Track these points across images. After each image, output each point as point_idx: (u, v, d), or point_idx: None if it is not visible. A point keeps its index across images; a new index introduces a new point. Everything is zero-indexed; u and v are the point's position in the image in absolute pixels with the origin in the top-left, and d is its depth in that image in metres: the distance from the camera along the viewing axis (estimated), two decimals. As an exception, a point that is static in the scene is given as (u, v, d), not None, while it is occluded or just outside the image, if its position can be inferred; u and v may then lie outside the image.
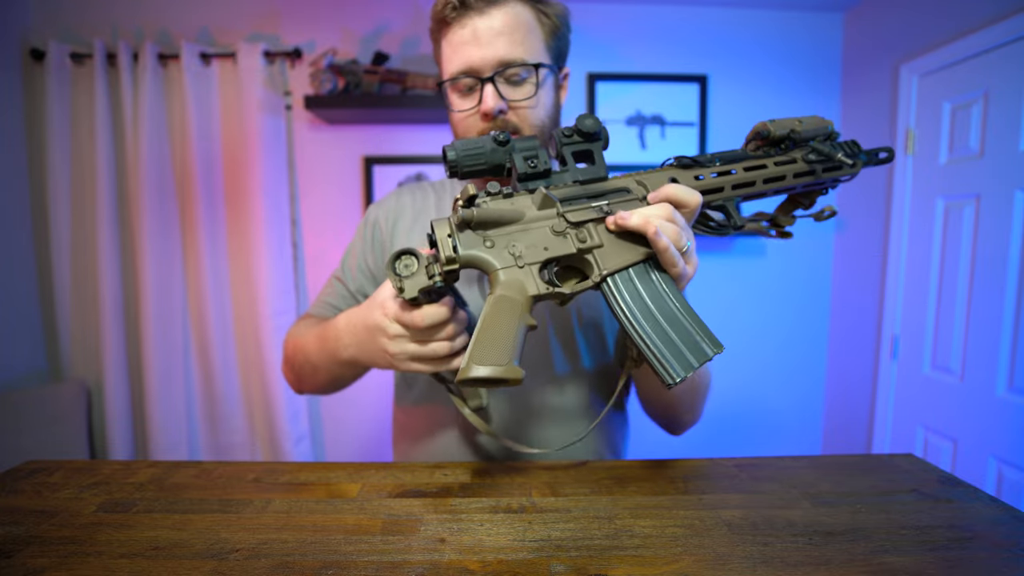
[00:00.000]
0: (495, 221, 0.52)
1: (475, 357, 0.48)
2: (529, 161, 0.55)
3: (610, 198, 0.55)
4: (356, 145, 2.00)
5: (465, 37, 0.69)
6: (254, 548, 0.45)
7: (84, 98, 1.85)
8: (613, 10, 2.03)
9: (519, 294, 0.51)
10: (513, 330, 0.49)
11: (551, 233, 0.53)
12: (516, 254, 0.52)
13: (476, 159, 0.54)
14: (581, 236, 0.53)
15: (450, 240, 0.51)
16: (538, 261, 0.52)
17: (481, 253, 0.52)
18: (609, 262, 0.52)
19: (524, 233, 0.53)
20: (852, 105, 2.08)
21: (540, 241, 0.53)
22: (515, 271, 0.51)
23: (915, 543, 0.46)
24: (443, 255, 0.51)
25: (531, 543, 0.46)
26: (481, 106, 0.69)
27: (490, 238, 0.52)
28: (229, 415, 1.96)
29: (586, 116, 0.56)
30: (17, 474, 0.60)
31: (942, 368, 1.71)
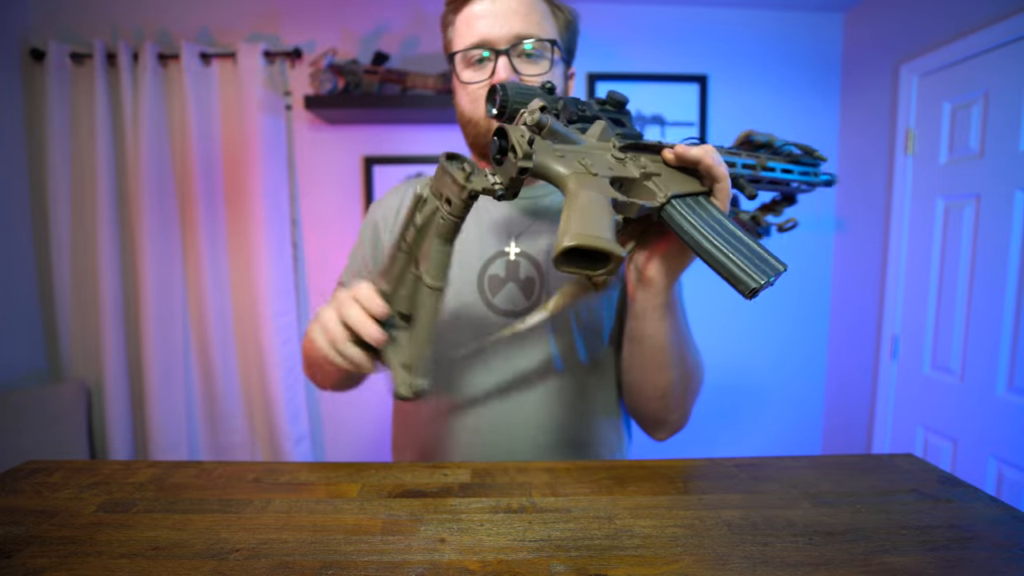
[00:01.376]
0: (563, 136, 0.51)
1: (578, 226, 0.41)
2: (579, 107, 0.56)
3: None
4: (356, 145, 2.00)
5: (482, 12, 0.70)
6: (254, 548, 0.45)
7: (84, 98, 1.85)
8: (613, 10, 2.03)
9: (596, 186, 0.47)
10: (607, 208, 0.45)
11: (613, 159, 0.53)
12: (587, 165, 0.49)
13: (528, 96, 0.53)
14: (640, 163, 0.54)
15: (526, 142, 0.46)
16: (607, 176, 0.50)
17: (553, 162, 0.47)
18: (671, 187, 0.54)
19: (587, 155, 0.51)
20: (852, 105, 2.08)
21: (605, 163, 0.52)
22: (587, 176, 0.47)
23: (915, 543, 0.46)
24: (520, 152, 0.45)
25: (531, 543, 0.46)
26: (493, 77, 0.69)
27: (560, 150, 0.49)
28: (229, 415, 1.96)
29: (613, 92, 0.59)
30: (17, 474, 0.60)
31: (942, 368, 1.71)
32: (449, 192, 0.51)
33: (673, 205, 0.53)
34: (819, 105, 2.12)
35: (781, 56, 2.09)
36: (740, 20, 2.06)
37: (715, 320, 2.12)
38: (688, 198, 0.54)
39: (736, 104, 2.09)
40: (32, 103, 1.87)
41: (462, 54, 0.72)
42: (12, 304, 1.84)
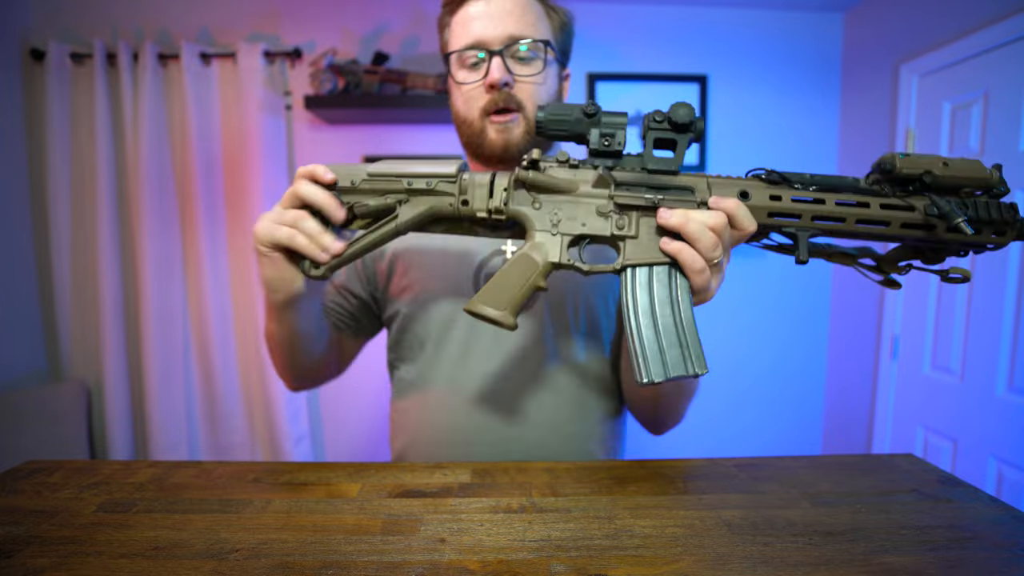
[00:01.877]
0: (548, 188, 0.55)
1: (483, 296, 0.56)
2: (604, 139, 0.55)
3: (670, 194, 0.54)
4: (356, 145, 2.00)
5: (477, 13, 0.70)
6: (254, 548, 0.45)
7: (84, 98, 1.85)
8: (613, 10, 2.03)
9: (541, 257, 0.55)
10: (521, 285, 0.55)
11: (595, 212, 0.55)
12: (555, 221, 0.55)
13: (561, 124, 0.55)
14: (620, 223, 0.54)
15: (504, 193, 0.56)
16: (571, 234, 0.55)
17: (527, 210, 0.56)
18: (636, 256, 0.54)
19: (571, 205, 0.55)
20: (852, 105, 2.08)
21: (582, 216, 0.55)
22: (548, 236, 0.55)
23: (915, 543, 0.46)
24: (494, 204, 0.56)
25: (531, 543, 0.46)
26: (487, 78, 0.69)
27: (539, 200, 0.56)
28: (229, 415, 1.96)
29: (681, 105, 0.53)
30: (17, 474, 0.60)
31: (942, 368, 1.71)
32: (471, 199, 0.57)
33: (626, 273, 0.54)
34: (819, 105, 2.12)
35: (781, 56, 2.09)
36: (740, 20, 2.06)
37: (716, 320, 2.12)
38: (653, 268, 0.54)
39: (736, 104, 2.09)
40: (32, 103, 1.87)
41: (457, 55, 0.72)
42: (12, 304, 1.84)
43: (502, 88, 0.70)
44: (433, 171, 0.57)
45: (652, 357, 0.52)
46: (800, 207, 0.52)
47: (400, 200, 0.58)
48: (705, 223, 0.50)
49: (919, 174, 0.49)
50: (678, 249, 0.51)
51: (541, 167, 0.55)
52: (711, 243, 0.51)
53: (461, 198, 0.56)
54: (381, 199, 0.58)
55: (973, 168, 0.48)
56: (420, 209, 0.57)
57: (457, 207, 0.56)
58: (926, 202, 0.50)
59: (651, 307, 0.53)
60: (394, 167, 0.58)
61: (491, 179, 0.56)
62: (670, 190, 0.55)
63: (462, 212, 0.56)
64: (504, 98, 0.70)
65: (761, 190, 0.54)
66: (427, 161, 0.58)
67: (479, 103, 0.72)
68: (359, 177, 0.58)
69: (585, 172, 0.56)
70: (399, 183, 0.57)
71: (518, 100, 0.71)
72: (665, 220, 0.52)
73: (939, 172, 0.48)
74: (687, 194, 0.54)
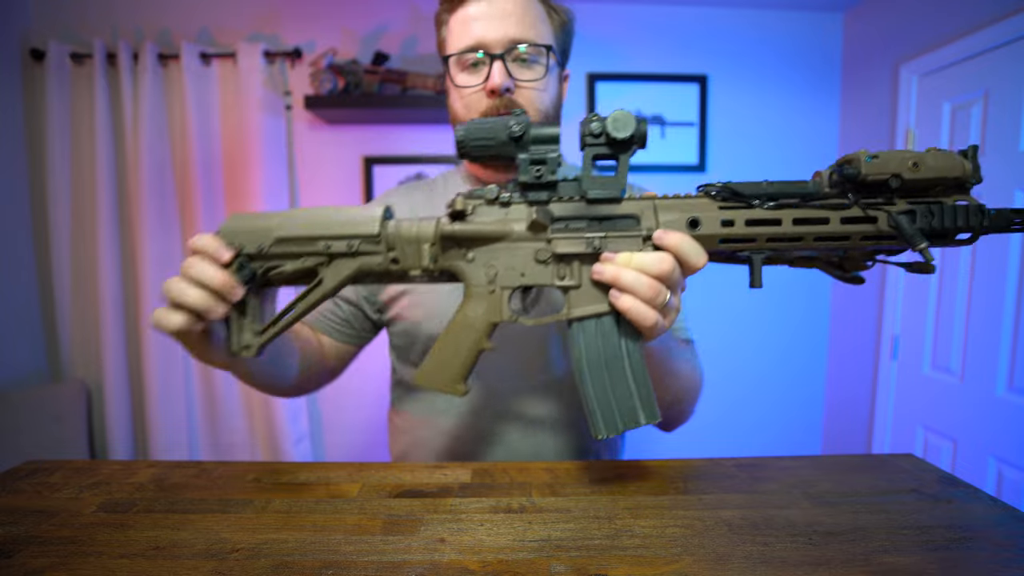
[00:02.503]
0: (478, 238, 0.51)
1: (427, 370, 0.53)
2: (536, 168, 0.50)
3: (613, 227, 0.50)
4: (356, 145, 2.00)
5: (477, 14, 0.68)
6: (254, 548, 0.45)
7: (84, 98, 1.85)
8: (613, 10, 2.03)
9: (482, 319, 0.52)
10: (465, 353, 0.52)
11: (534, 259, 0.51)
12: (492, 276, 0.51)
13: (484, 145, 0.50)
14: (561, 272, 0.50)
15: (430, 250, 0.51)
16: (511, 287, 0.51)
17: (460, 264, 0.51)
18: (580, 306, 0.50)
19: (507, 252, 0.51)
20: (852, 105, 2.08)
21: (520, 265, 0.51)
22: (486, 293, 0.51)
23: (915, 543, 0.46)
24: (423, 263, 0.51)
25: (531, 543, 0.46)
26: (488, 82, 0.68)
27: (472, 252, 0.51)
28: (229, 415, 1.96)
29: (620, 115, 0.48)
30: (17, 474, 0.60)
31: (942, 368, 1.71)
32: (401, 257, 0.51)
33: (574, 326, 0.51)
34: (819, 105, 2.12)
35: (781, 56, 2.09)
36: (740, 20, 2.06)
37: (716, 320, 2.12)
38: (602, 319, 0.50)
39: (736, 104, 2.09)
40: (32, 103, 1.87)
41: (456, 57, 0.71)
42: (12, 304, 1.84)
43: (503, 94, 0.68)
44: (354, 232, 0.51)
45: (604, 412, 0.50)
46: (755, 231, 0.48)
47: (321, 263, 0.52)
48: (646, 269, 0.47)
49: (885, 179, 0.45)
50: (618, 300, 0.48)
51: (468, 212, 0.51)
52: (651, 292, 0.47)
53: (390, 256, 0.51)
54: (299, 263, 0.52)
55: (945, 166, 0.45)
56: (346, 272, 0.52)
57: (387, 266, 0.51)
58: (897, 208, 0.46)
59: (599, 359, 0.50)
60: (309, 226, 0.51)
61: (417, 233, 0.51)
62: (614, 220, 0.50)
63: (393, 270, 0.52)
64: (505, 103, 0.69)
65: (712, 213, 0.49)
66: (348, 209, 0.52)
67: (479, 107, 0.70)
68: (268, 242, 0.52)
69: (519, 209, 0.51)
70: (316, 245, 0.51)
71: (519, 105, 0.69)
72: (599, 275, 0.48)
73: (908, 175, 0.45)
74: (632, 225, 0.50)
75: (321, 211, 0.53)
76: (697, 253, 0.48)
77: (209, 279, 0.50)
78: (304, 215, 0.52)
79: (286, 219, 0.52)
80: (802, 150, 2.12)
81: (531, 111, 0.70)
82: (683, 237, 0.48)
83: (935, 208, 0.45)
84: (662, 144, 2.08)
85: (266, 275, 0.53)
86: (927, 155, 0.45)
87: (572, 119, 2.05)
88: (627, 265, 0.47)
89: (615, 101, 2.05)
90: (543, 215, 0.49)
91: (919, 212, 0.46)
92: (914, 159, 0.44)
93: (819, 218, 0.47)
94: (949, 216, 0.45)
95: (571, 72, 0.82)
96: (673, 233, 0.48)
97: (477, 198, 0.51)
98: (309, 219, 0.51)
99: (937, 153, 0.45)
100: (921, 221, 0.45)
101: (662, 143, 2.08)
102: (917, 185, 0.45)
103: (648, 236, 0.49)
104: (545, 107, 0.72)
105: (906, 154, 0.45)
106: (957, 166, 0.44)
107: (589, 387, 0.50)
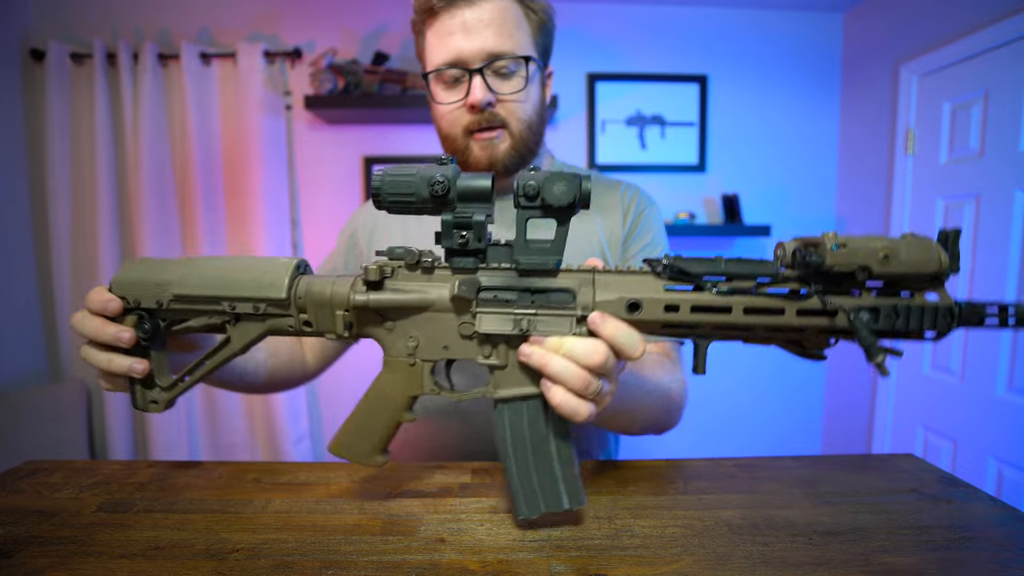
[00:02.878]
0: (395, 309, 0.47)
1: (344, 438, 0.51)
2: (460, 232, 0.44)
3: (547, 301, 0.45)
4: (356, 145, 2.00)
5: (453, 27, 0.67)
6: (254, 548, 0.45)
7: (84, 98, 1.85)
8: (613, 10, 2.03)
9: (401, 391, 0.48)
10: (382, 427, 0.50)
11: (458, 333, 0.46)
12: (412, 347, 0.47)
13: (403, 195, 0.44)
14: (486, 352, 0.46)
15: (344, 316, 0.47)
16: (432, 360, 0.48)
17: (378, 332, 0.48)
18: (506, 387, 0.47)
19: (429, 323, 0.47)
20: (852, 105, 2.08)
21: (443, 338, 0.47)
22: (405, 364, 0.48)
23: (915, 543, 0.46)
24: (338, 331, 0.47)
25: (531, 543, 0.46)
26: (468, 98, 0.68)
27: (392, 322, 0.47)
28: (229, 415, 1.96)
29: (559, 179, 0.42)
30: (17, 474, 0.60)
31: (942, 368, 1.71)
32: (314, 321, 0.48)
33: (499, 406, 0.47)
34: (819, 105, 2.12)
35: (781, 56, 2.09)
36: (740, 20, 2.06)
37: (715, 320, 2.12)
38: (529, 401, 0.47)
39: (736, 104, 2.09)
40: (32, 103, 1.87)
41: (435, 74, 0.70)
42: (12, 304, 1.84)
43: (484, 109, 0.68)
44: (259, 295, 0.47)
45: (527, 494, 0.47)
46: (701, 318, 0.44)
47: (228, 321, 0.48)
48: (577, 360, 0.42)
49: (851, 271, 0.41)
50: (547, 392, 0.44)
51: (388, 275, 0.46)
52: (581, 383, 0.42)
53: (302, 319, 0.47)
54: (204, 319, 0.49)
55: (919, 260, 0.40)
56: (255, 333, 0.49)
57: (300, 327, 0.48)
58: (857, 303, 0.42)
59: (524, 441, 0.47)
60: (209, 286, 0.47)
61: (330, 298, 0.46)
62: (548, 294, 0.45)
63: (307, 332, 0.48)
64: (487, 118, 0.69)
65: (656, 295, 0.44)
66: (256, 265, 0.48)
67: (461, 122, 0.70)
68: (166, 297, 0.48)
69: (444, 275, 0.46)
70: (219, 304, 0.47)
71: (501, 118, 0.70)
72: (526, 358, 0.44)
73: (877, 268, 0.40)
74: (566, 300, 0.45)
75: (227, 266, 0.48)
76: (633, 345, 0.43)
77: (100, 335, 0.48)
78: (207, 271, 0.48)
79: (187, 274, 0.48)
80: (802, 150, 2.12)
81: (513, 122, 0.70)
82: (619, 327, 0.43)
83: (901, 308, 0.42)
84: (662, 144, 2.08)
85: (170, 329, 0.50)
86: (901, 246, 0.40)
87: (572, 119, 2.05)
88: (556, 351, 0.43)
89: (615, 101, 2.05)
90: (467, 288, 0.44)
91: (883, 312, 0.42)
92: (885, 250, 0.40)
93: (773, 308, 0.43)
94: (915, 318, 0.42)
95: (571, 72, 0.82)
96: (609, 321, 0.43)
97: (398, 259, 0.46)
98: (210, 277, 0.47)
99: (912, 243, 0.41)
100: (884, 322, 0.41)
101: (662, 143, 2.08)
102: (886, 278, 0.42)
103: (583, 316, 0.44)
104: (528, 116, 0.72)
105: (877, 244, 0.40)
106: (932, 260, 0.40)
107: (512, 468, 0.47)
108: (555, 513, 0.48)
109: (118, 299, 0.48)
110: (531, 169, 0.44)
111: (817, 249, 0.41)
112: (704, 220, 2.10)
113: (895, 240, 0.41)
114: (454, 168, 0.44)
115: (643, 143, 2.08)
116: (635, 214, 0.79)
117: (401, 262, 0.47)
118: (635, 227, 0.78)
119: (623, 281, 0.45)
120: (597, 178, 0.83)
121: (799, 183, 2.13)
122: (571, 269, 0.46)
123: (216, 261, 0.49)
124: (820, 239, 0.41)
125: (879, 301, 0.42)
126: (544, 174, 0.43)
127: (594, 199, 0.79)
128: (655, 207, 0.81)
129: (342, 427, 0.51)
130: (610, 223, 0.78)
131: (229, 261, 0.48)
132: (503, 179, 0.75)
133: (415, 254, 0.46)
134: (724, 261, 0.43)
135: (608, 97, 2.05)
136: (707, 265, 0.43)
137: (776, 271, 0.43)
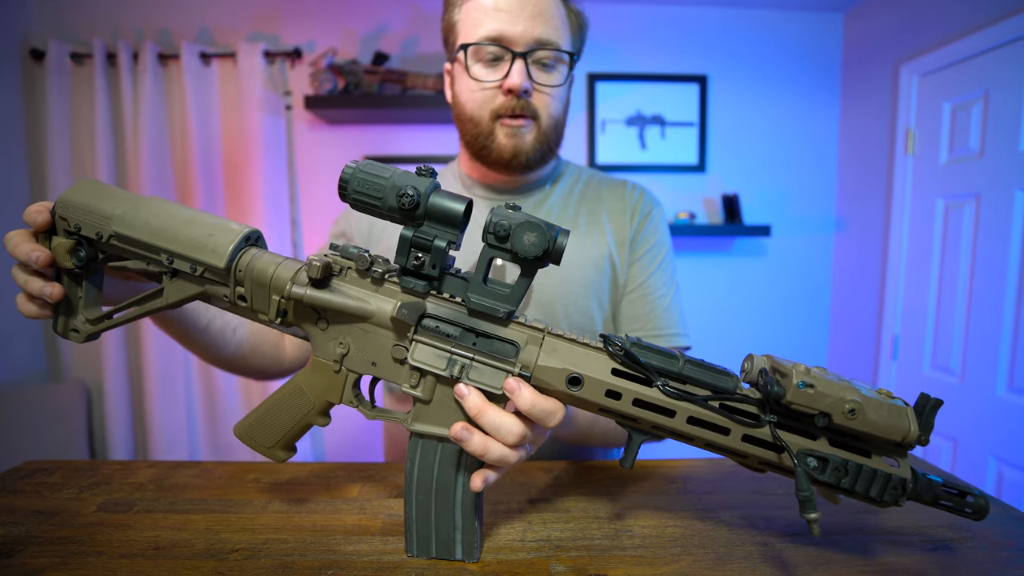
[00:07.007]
0: (332, 311, 0.44)
1: (251, 426, 0.48)
2: (416, 253, 0.41)
3: (489, 348, 0.42)
4: (356, 145, 2.00)
5: (501, 3, 0.64)
6: (254, 548, 0.45)
7: (84, 98, 1.85)
8: (613, 10, 2.03)
9: (319, 395, 0.47)
10: (291, 424, 0.48)
11: (390, 354, 0.44)
12: (341, 354, 0.44)
13: (369, 196, 0.41)
14: (414, 380, 0.43)
15: (279, 303, 0.44)
16: (358, 374, 0.45)
17: (310, 328, 0.45)
18: (424, 422, 0.44)
19: (364, 335, 0.44)
20: (852, 105, 2.08)
21: (374, 354, 0.44)
22: (330, 369, 0.45)
23: (915, 543, 0.46)
24: (270, 315, 0.44)
25: (531, 543, 0.46)
26: (507, 80, 0.65)
27: (327, 321, 0.44)
28: (229, 415, 1.96)
29: (533, 230, 0.39)
30: (17, 474, 0.60)
31: (942, 368, 1.71)
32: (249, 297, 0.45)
33: (414, 440, 0.44)
34: (819, 105, 2.12)
35: (781, 56, 2.09)
36: (740, 20, 2.06)
37: (715, 320, 2.12)
38: (445, 444, 0.44)
39: (736, 104, 2.09)
40: (32, 103, 1.87)
41: (474, 47, 0.66)
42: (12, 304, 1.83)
43: (521, 96, 0.66)
44: (197, 257, 0.43)
45: (420, 533, 0.44)
46: (641, 414, 0.41)
47: (164, 272, 0.45)
48: (497, 435, 0.41)
49: (812, 415, 0.38)
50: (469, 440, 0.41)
51: (336, 273, 0.44)
52: (515, 438, 0.41)
53: (237, 292, 0.44)
54: (142, 264, 0.46)
55: (886, 425, 0.37)
56: (190, 292, 0.46)
57: (233, 301, 0.45)
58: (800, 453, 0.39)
59: (431, 485, 0.44)
60: (150, 233, 0.44)
61: (270, 280, 0.43)
62: (492, 341, 0.42)
63: (240, 307, 0.45)
64: (521, 105, 0.66)
65: (601, 376, 0.41)
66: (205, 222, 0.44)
67: (492, 104, 0.67)
68: (106, 232, 0.44)
69: (392, 291, 0.43)
70: (158, 255, 0.44)
71: (534, 108, 0.67)
72: (461, 397, 0.41)
73: (839, 421, 0.38)
74: (509, 353, 0.42)
75: (175, 215, 0.45)
76: (547, 416, 0.41)
77: (16, 252, 0.45)
78: (152, 217, 0.44)
79: (130, 213, 0.44)
80: (802, 150, 2.13)
81: (544, 116, 0.69)
82: (535, 402, 0.40)
83: (852, 467, 0.39)
84: (662, 144, 2.08)
85: (106, 264, 0.47)
86: (871, 405, 0.37)
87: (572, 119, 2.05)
88: (478, 416, 0.41)
89: (615, 101, 2.05)
90: (408, 313, 0.41)
91: (832, 464, 0.39)
92: (853, 405, 0.37)
93: (719, 426, 0.41)
94: (864, 481, 0.39)
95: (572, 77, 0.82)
96: (526, 392, 0.40)
97: (349, 259, 0.44)
98: (154, 225, 0.44)
99: (883, 405, 0.38)
100: (830, 475, 0.39)
101: (662, 143, 2.08)
102: (847, 432, 0.39)
103: (523, 373, 0.42)
104: (558, 114, 0.70)
105: (847, 394, 0.37)
106: (900, 429, 0.37)
107: (412, 506, 0.44)
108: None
109: (48, 214, 0.45)
110: (510, 207, 0.40)
111: (783, 380, 0.39)
112: (704, 220, 2.10)
113: (867, 396, 0.38)
114: (432, 182, 0.41)
115: (643, 143, 2.08)
116: (641, 215, 0.78)
117: (352, 264, 0.44)
118: (641, 228, 0.78)
119: (572, 351, 0.42)
120: (603, 178, 0.83)
121: (799, 183, 2.13)
122: (522, 323, 0.43)
123: (166, 207, 0.45)
124: (790, 368, 0.39)
125: (832, 452, 0.39)
126: (520, 217, 0.39)
127: (601, 199, 0.79)
128: (660, 208, 0.81)
129: (252, 412, 0.49)
130: (617, 224, 0.78)
131: (179, 211, 0.45)
132: (521, 173, 0.73)
133: (367, 260, 0.43)
134: (684, 361, 0.41)
135: (608, 97, 2.05)
136: (664, 360, 0.41)
137: (735, 388, 0.41)
